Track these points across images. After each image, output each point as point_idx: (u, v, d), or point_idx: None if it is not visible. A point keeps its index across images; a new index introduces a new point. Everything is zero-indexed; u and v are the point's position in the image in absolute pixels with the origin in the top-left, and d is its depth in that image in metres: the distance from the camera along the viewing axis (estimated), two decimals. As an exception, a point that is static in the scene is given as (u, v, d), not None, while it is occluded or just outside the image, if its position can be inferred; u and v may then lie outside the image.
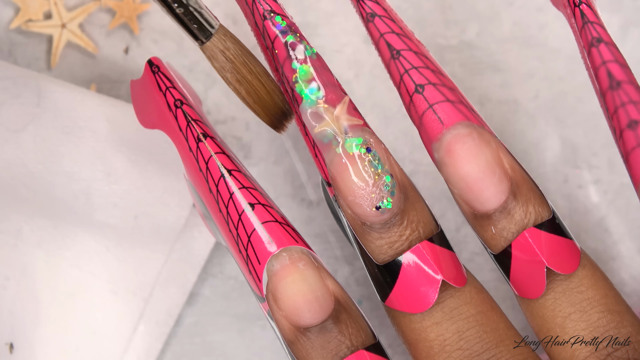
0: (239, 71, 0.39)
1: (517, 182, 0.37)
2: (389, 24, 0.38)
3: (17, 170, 0.46)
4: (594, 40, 0.36)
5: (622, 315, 0.37)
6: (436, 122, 0.37)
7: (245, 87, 0.39)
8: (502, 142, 0.38)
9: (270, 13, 0.38)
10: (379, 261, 0.38)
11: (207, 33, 0.39)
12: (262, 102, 0.39)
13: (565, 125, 0.50)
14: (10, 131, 0.46)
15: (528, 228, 0.37)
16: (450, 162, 0.37)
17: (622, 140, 0.35)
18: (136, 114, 0.41)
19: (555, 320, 0.38)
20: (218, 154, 0.38)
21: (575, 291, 0.37)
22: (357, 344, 0.37)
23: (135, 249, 0.48)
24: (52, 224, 0.47)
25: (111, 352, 0.48)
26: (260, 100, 0.39)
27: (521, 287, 0.38)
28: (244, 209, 0.38)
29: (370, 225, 0.37)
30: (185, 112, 0.39)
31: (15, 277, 0.47)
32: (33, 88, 0.46)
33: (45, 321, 0.47)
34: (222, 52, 0.39)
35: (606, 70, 0.36)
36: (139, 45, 0.50)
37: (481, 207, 0.37)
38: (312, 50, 0.38)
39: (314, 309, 0.37)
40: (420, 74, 0.38)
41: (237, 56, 0.39)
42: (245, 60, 0.39)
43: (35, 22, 0.49)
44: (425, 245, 0.37)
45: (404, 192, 0.38)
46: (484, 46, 0.50)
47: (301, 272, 0.37)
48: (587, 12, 0.37)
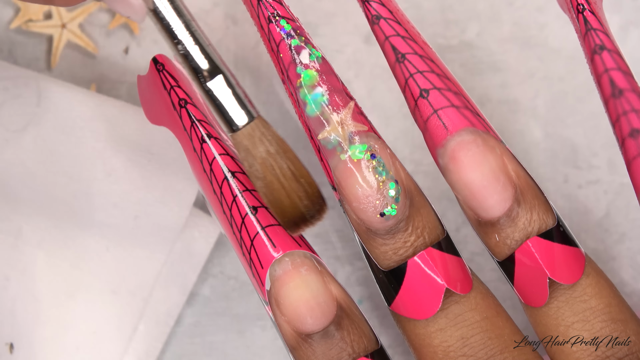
0: (257, 168, 0.37)
1: (521, 189, 0.37)
2: (395, 27, 0.38)
3: (17, 170, 0.46)
4: (596, 48, 0.36)
5: (625, 324, 0.37)
6: (441, 128, 0.37)
7: (260, 185, 0.37)
8: (507, 147, 0.38)
9: (275, 16, 0.38)
10: (383, 267, 0.38)
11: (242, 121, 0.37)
12: (277, 203, 0.37)
13: (565, 125, 0.50)
14: (10, 131, 0.46)
15: (532, 237, 0.37)
16: (454, 169, 0.37)
17: (625, 149, 0.35)
18: (143, 109, 0.41)
19: (558, 328, 0.38)
20: (222, 155, 0.38)
21: (579, 300, 0.37)
22: (358, 351, 0.37)
23: (135, 249, 0.48)
24: (52, 224, 0.47)
25: (111, 352, 0.48)
26: (276, 201, 0.37)
27: (525, 294, 0.38)
28: (247, 212, 0.38)
29: (374, 231, 0.37)
30: (189, 112, 0.39)
31: (15, 277, 0.47)
32: (33, 88, 0.46)
33: (45, 321, 0.47)
34: (246, 147, 0.37)
35: (608, 78, 0.36)
36: (139, 45, 0.50)
37: (485, 214, 0.37)
38: (318, 54, 0.38)
39: (316, 315, 0.37)
40: (425, 78, 0.38)
41: (260, 153, 0.37)
42: (269, 159, 0.37)
43: (36, 22, 0.49)
44: (430, 252, 0.37)
45: (409, 198, 0.38)
46: (484, 46, 0.50)
47: (303, 278, 0.37)
48: (590, 18, 0.37)
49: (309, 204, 0.37)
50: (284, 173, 0.37)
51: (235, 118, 0.37)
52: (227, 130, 0.37)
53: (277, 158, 0.37)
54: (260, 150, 0.37)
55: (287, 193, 0.37)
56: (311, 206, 0.37)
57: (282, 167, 0.37)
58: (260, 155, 0.37)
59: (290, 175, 0.37)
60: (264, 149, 0.37)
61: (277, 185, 0.37)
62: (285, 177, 0.37)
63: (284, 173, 0.37)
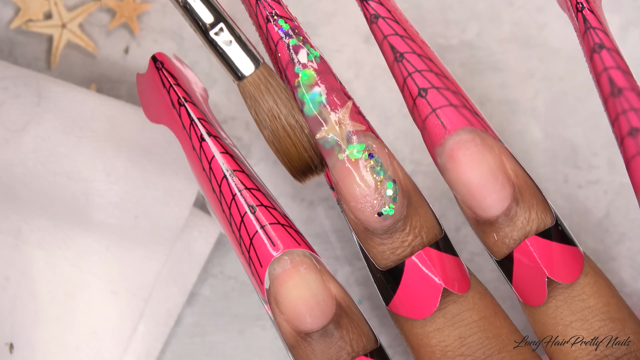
0: (264, 117, 0.38)
1: (520, 188, 0.37)
2: (393, 26, 0.38)
3: (17, 170, 0.46)
4: (595, 46, 0.36)
5: (624, 323, 0.37)
6: (439, 127, 0.37)
7: (267, 133, 0.38)
8: (505, 146, 0.38)
9: (273, 15, 0.38)
10: (381, 266, 0.38)
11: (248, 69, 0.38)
12: (285, 152, 0.38)
13: (565, 125, 0.50)
14: (10, 131, 0.46)
15: (530, 236, 0.37)
16: (452, 168, 0.37)
17: (623, 148, 0.35)
18: (142, 107, 0.41)
19: (556, 327, 0.38)
20: (221, 153, 0.38)
21: (577, 299, 0.37)
22: (357, 350, 0.37)
23: (135, 249, 0.48)
24: (52, 224, 0.47)
25: (111, 352, 0.48)
26: (283, 150, 0.38)
27: (523, 294, 0.38)
28: (246, 210, 0.37)
29: (372, 231, 0.37)
30: (188, 111, 0.38)
31: (15, 277, 0.47)
32: (33, 88, 0.46)
33: (45, 321, 0.47)
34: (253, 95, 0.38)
35: (608, 77, 0.36)
36: (139, 45, 0.50)
37: (484, 213, 0.37)
38: (316, 53, 0.38)
39: (315, 314, 0.37)
40: (424, 77, 0.38)
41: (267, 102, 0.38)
42: (276, 108, 0.37)
43: (36, 22, 0.49)
44: (428, 252, 0.37)
45: (407, 198, 0.38)
46: (484, 46, 0.50)
47: (303, 276, 0.37)
48: (589, 17, 0.37)
49: (314, 155, 0.38)
50: (290, 122, 0.37)
51: (241, 66, 0.37)
52: (234, 79, 0.37)
53: (282, 108, 0.37)
54: (267, 99, 0.37)
55: (293, 142, 0.37)
56: (315, 157, 0.38)
57: (287, 116, 0.37)
58: (267, 104, 0.37)
59: (295, 125, 0.37)
60: (270, 98, 0.37)
61: (283, 134, 0.37)
62: (290, 127, 0.37)
63: (289, 122, 0.37)
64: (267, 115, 0.37)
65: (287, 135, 0.37)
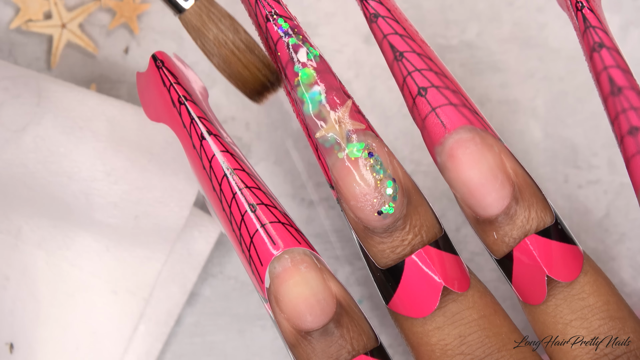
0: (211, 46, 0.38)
1: (519, 187, 0.37)
2: (393, 25, 0.38)
3: (17, 170, 0.46)
4: (595, 45, 0.36)
5: (624, 322, 0.37)
6: (439, 126, 0.37)
7: (217, 60, 0.38)
8: (505, 145, 0.38)
9: (273, 15, 0.38)
10: (381, 265, 0.38)
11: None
12: (237, 76, 0.39)
13: (565, 125, 0.50)
14: (10, 131, 0.46)
15: (530, 235, 0.37)
16: (452, 167, 0.37)
17: (623, 146, 0.35)
18: (142, 106, 0.41)
19: (556, 326, 0.38)
20: (222, 152, 0.38)
21: (577, 298, 0.37)
22: (358, 348, 0.37)
23: (135, 249, 0.48)
24: (52, 224, 0.47)
25: (111, 352, 0.48)
26: (235, 74, 0.39)
27: (523, 292, 0.38)
28: (246, 209, 0.37)
29: (372, 230, 0.37)
30: (189, 109, 0.38)
31: (15, 277, 0.47)
32: (33, 88, 0.46)
33: (45, 321, 0.47)
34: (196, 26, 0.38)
35: (607, 76, 0.36)
36: (139, 45, 0.50)
37: (483, 212, 0.37)
38: (315, 52, 0.38)
39: (315, 313, 0.37)
40: (423, 76, 0.38)
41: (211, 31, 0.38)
42: (221, 35, 0.38)
43: (35, 22, 0.49)
44: (428, 250, 0.37)
45: (407, 196, 0.38)
46: (484, 46, 0.50)
47: (303, 275, 0.37)
48: (589, 16, 0.37)
49: (268, 73, 0.38)
50: (238, 46, 0.38)
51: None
52: (174, 13, 0.38)
53: (228, 33, 0.38)
54: (211, 28, 0.38)
55: (245, 65, 0.38)
56: (270, 74, 0.38)
57: (234, 41, 0.38)
58: (212, 33, 0.38)
59: (244, 48, 0.38)
60: (214, 26, 0.38)
61: (233, 59, 0.38)
62: (239, 50, 0.38)
63: (237, 46, 0.38)
64: (213, 44, 0.38)
65: (238, 59, 0.38)
